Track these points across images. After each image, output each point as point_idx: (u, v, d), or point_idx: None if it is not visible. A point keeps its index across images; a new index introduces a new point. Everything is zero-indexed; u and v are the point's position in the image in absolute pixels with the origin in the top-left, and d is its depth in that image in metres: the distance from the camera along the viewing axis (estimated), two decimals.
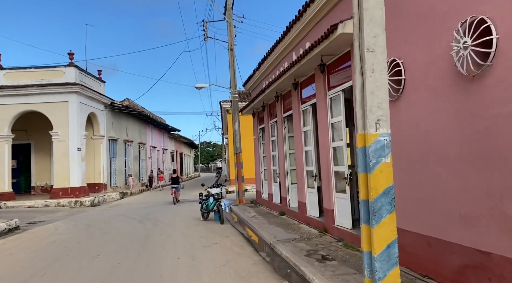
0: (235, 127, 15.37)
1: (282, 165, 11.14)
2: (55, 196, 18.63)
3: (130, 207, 16.43)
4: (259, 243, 7.94)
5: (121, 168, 25.51)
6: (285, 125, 11.02)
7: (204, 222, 10.83)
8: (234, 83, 15.25)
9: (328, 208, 7.84)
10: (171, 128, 38.31)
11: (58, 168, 18.90)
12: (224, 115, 25.76)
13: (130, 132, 27.65)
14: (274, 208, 12.24)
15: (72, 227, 10.82)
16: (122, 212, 14.46)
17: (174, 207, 15.49)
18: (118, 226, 10.63)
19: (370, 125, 4.02)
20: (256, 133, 14.66)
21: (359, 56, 3.96)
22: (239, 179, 15.21)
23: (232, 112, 15.39)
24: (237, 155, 15.39)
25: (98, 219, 12.42)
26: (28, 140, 22.54)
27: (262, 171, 14.34)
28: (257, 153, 14.76)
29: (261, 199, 14.19)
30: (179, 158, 49.20)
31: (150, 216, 12.54)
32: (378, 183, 3.91)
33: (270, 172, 12.84)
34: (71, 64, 19.33)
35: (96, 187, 21.98)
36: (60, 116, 18.98)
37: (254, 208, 13.56)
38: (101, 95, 21.90)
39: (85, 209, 16.87)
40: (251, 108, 13.79)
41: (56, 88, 18.82)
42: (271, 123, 12.48)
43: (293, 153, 11.02)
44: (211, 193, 10.52)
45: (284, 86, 10.06)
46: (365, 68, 3.85)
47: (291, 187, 10.90)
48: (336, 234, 7.50)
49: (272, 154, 12.62)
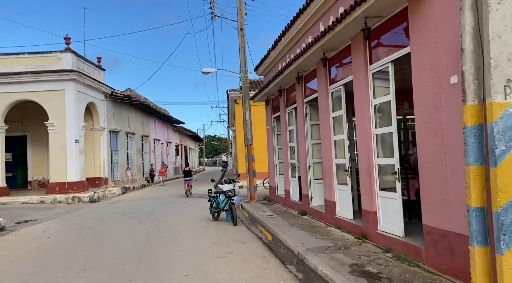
0: (246, 116, 13.90)
1: (303, 158, 9.68)
2: (51, 192, 17.33)
3: (131, 203, 15.09)
4: (284, 252, 6.51)
5: (123, 161, 24.18)
6: (307, 112, 9.53)
7: (215, 222, 9.43)
8: (245, 67, 13.76)
9: (368, 210, 6.39)
10: (175, 121, 36.91)
11: (54, 161, 17.59)
12: (231, 105, 24.27)
13: (133, 124, 26.27)
14: (292, 207, 10.81)
15: (64, 229, 9.47)
16: (122, 209, 13.11)
17: (180, 204, 14.13)
18: (115, 228, 9.25)
19: (494, 89, 2.55)
20: (270, 123, 13.19)
21: None
22: (250, 173, 13.77)
23: (243, 100, 13.92)
24: (247, 147, 13.95)
25: (94, 219, 11.06)
26: (24, 131, 21.23)
27: (277, 165, 12.90)
28: (270, 145, 13.30)
29: (276, 196, 12.77)
30: (184, 152, 47.89)
31: (152, 215, 11.15)
32: (509, 182, 2.44)
33: (286, 166, 11.39)
34: (67, 50, 17.91)
35: (97, 182, 20.68)
36: (56, 105, 17.61)
37: (268, 205, 12.14)
38: (100, 83, 20.49)
39: (83, 205, 15.55)
40: (264, 95, 12.30)
41: (52, 76, 17.43)
42: (289, 110, 10.99)
43: (316, 144, 9.55)
44: (222, 190, 9.08)
45: (307, 65, 8.56)
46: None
47: (314, 183, 9.45)
48: (380, 242, 6.05)
49: (290, 145, 11.16)
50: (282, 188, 12.54)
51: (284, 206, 11.54)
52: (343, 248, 6.14)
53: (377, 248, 6.03)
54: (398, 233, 5.68)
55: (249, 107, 13.88)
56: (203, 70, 13.69)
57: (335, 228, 7.64)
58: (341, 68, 7.39)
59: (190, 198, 16.17)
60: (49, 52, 17.86)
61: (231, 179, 9.35)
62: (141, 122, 28.57)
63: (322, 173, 9.47)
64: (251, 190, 13.63)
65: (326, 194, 8.27)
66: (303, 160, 9.75)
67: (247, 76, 13.74)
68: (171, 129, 38.87)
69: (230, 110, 27.25)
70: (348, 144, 7.47)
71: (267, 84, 11.09)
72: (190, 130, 47.23)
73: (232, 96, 21.62)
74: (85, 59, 19.62)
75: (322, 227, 7.97)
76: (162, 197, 17.52)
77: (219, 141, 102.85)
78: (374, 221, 6.24)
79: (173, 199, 16.39)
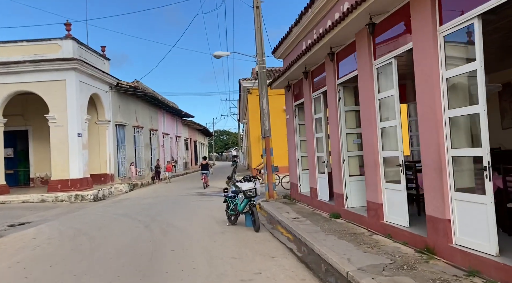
0: (263, 104, 12.41)
1: (336, 151, 8.17)
2: (53, 190, 16.15)
3: (137, 202, 13.78)
4: (327, 272, 5.04)
5: (131, 156, 22.93)
6: (340, 96, 8.00)
7: (232, 227, 8.00)
8: (261, 49, 12.23)
9: (437, 217, 4.88)
10: (184, 114, 35.59)
11: (56, 157, 16.37)
12: (243, 96, 22.77)
13: (140, 117, 25.00)
14: (320, 207, 9.33)
15: (57, 235, 8.16)
16: (127, 209, 11.79)
17: (191, 203, 12.76)
18: (115, 235, 7.90)
19: None
20: (290, 112, 11.68)
21: None
22: (269, 168, 12.31)
23: (259, 87, 12.42)
24: (265, 139, 12.47)
25: (94, 222, 9.74)
26: (25, 126, 20.09)
27: (299, 159, 11.41)
28: (291, 137, 11.81)
29: (298, 194, 11.30)
30: (193, 146, 46.68)
31: (160, 217, 9.78)
32: None
33: (312, 160, 9.89)
34: (68, 36, 16.59)
35: (102, 178, 19.49)
36: (57, 97, 16.36)
37: (291, 205, 10.68)
38: (105, 74, 19.17)
39: (85, 204, 14.32)
40: (285, 79, 10.78)
41: (52, 65, 16.15)
42: (315, 96, 9.47)
43: (352, 134, 8.04)
44: (241, 189, 7.64)
45: (343, 37, 7.02)
46: None
47: (350, 180, 7.95)
48: (458, 260, 4.54)
49: (316, 136, 9.66)
50: (306, 186, 11.07)
51: (309, 207, 10.07)
52: (406, 267, 4.66)
53: (454, 268, 4.52)
54: (489, 250, 4.18)
55: (266, 95, 12.38)
56: (215, 54, 12.20)
57: (384, 237, 6.14)
58: (393, 34, 5.83)
59: (202, 197, 14.81)
60: (48, 39, 16.57)
61: (251, 176, 7.90)
62: (149, 115, 27.29)
63: (360, 169, 7.98)
64: (269, 188, 12.18)
65: (369, 194, 6.77)
66: (335, 153, 8.24)
67: (263, 59, 12.22)
68: (180, 123, 37.59)
69: (241, 101, 25.72)
70: (401, 132, 5.94)
71: (290, 65, 9.57)
72: (199, 124, 45.91)
73: (244, 85, 20.09)
74: (88, 47, 18.30)
75: (366, 235, 6.48)
76: (172, 194, 16.20)
77: (229, 135, 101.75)
78: (446, 231, 4.73)
79: (183, 197, 15.06)
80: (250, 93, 20.27)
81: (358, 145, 8.10)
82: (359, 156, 8.04)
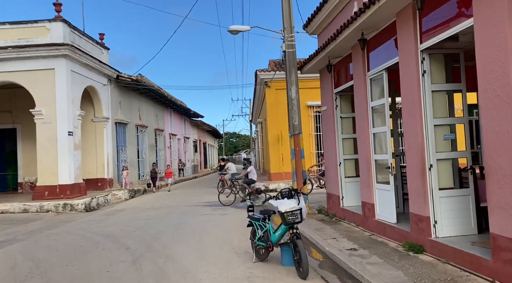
0: (291, 93, 9.76)
1: (416, 152, 5.45)
2: (38, 197, 13.73)
3: (134, 216, 11.22)
4: None
5: (133, 159, 20.46)
6: (425, 69, 5.31)
7: (262, 267, 5.32)
8: (290, 22, 9.60)
9: None
10: (193, 113, 33.10)
11: (43, 159, 13.97)
12: (259, 90, 20.11)
13: (144, 116, 22.54)
14: (381, 232, 6.62)
15: (4, 271, 5.59)
16: (118, 227, 9.19)
17: (199, 219, 10.15)
18: (85, 276, 5.29)
19: None
20: (328, 101, 9.00)
21: None
22: (299, 175, 9.63)
23: (287, 70, 9.77)
24: (294, 137, 9.80)
25: (68, 247, 7.17)
26: (13, 123, 17.78)
27: (340, 163, 8.71)
28: (329, 134, 9.13)
29: (340, 209, 8.60)
30: (203, 148, 44.22)
31: (157, 243, 7.12)
32: None
33: (366, 165, 7.18)
34: (58, 18, 14.20)
35: (99, 184, 17.04)
36: (45, 88, 13.97)
37: (333, 225, 7.98)
38: (103, 64, 16.74)
39: (73, 216, 11.85)
40: (325, 56, 8.11)
41: (38, 51, 13.77)
42: (373, 75, 6.78)
43: (442, 126, 5.34)
44: (277, 210, 4.96)
45: None
46: None
47: (440, 196, 5.23)
48: None
49: (374, 132, 6.96)
50: (351, 199, 8.40)
51: (361, 228, 7.35)
52: None
53: None
54: None
55: (295, 81, 9.73)
56: (231, 28, 9.57)
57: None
58: None
59: (213, 209, 12.19)
60: (34, 21, 14.19)
61: (292, 189, 5.20)
62: (155, 114, 24.85)
63: (454, 177, 5.29)
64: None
65: (494, 221, 4.05)
66: (413, 156, 5.53)
67: (292, 35, 9.57)
68: (188, 123, 35.14)
69: (257, 97, 23.04)
70: None
71: (338, 32, 6.89)
72: (209, 124, 43.40)
73: (262, 77, 17.40)
74: (82, 33, 15.90)
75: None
76: (177, 204, 13.60)
77: (238, 138, 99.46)
78: None
79: (190, 208, 12.46)
80: (268, 87, 17.62)
81: (449, 143, 5.40)
82: (452, 160, 5.35)
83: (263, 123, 23.11)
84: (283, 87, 17.65)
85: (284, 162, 17.16)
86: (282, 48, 9.76)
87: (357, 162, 8.80)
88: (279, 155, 17.34)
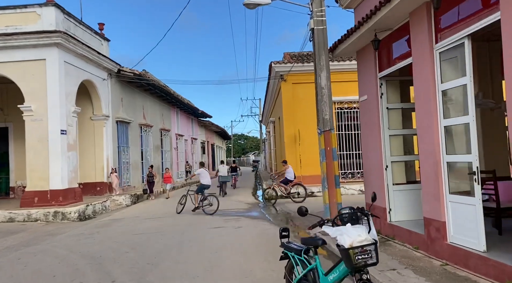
0: (321, 81, 7.98)
1: None
2: (27, 204, 12.16)
3: (131, 228, 9.52)
4: None
5: (136, 160, 18.82)
6: None
7: None
8: None
9: None
10: (201, 113, 31.44)
11: (32, 160, 12.41)
12: (273, 85, 18.32)
13: (149, 114, 20.93)
14: (457, 261, 4.80)
15: None
16: (108, 245, 7.47)
17: (209, 233, 8.40)
18: None
19: None
20: (371, 89, 7.19)
21: None
22: (330, 180, 7.83)
23: (315, 52, 7.99)
24: (325, 134, 8.00)
25: (36, 278, 5.47)
26: (5, 122, 16.27)
27: (387, 166, 6.88)
28: (372, 131, 7.31)
29: (387, 224, 6.77)
30: (211, 150, 42.54)
31: (150, 276, 5.35)
32: None
33: (433, 169, 5.36)
34: (49, 2, 12.63)
35: (98, 188, 15.44)
36: (34, 81, 12.42)
37: (380, 246, 6.16)
38: (102, 56, 15.15)
39: (63, 227, 10.22)
40: (370, 30, 6.32)
41: (28, 39, 12.22)
42: (445, 46, 4.97)
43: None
44: (338, 244, 3.06)
45: None
46: None
47: None
48: None
49: (445, 124, 5.14)
50: (404, 212, 6.59)
51: (423, 253, 5.53)
52: None
53: None
54: None
55: (326, 65, 7.95)
56: (246, 1, 7.86)
57: None
58: None
59: (225, 220, 10.45)
60: (23, 6, 12.63)
61: (357, 210, 3.30)
62: (160, 112, 23.23)
63: None
64: (332, 211, 7.71)
65: None
66: None
67: (322, 9, 7.80)
68: (196, 123, 33.51)
69: (270, 93, 21.21)
70: None
71: None
72: (217, 125, 41.72)
73: (277, 70, 15.59)
74: (79, 21, 14.33)
75: None
76: (182, 214, 11.86)
77: (246, 139, 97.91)
78: None
79: (197, 218, 10.75)
80: (284, 80, 15.84)
81: None
82: None
83: (277, 122, 21.33)
84: (301, 81, 15.98)
85: (302, 164, 15.36)
86: (309, 26, 7.99)
87: (407, 165, 7.01)
88: (296, 157, 15.54)
